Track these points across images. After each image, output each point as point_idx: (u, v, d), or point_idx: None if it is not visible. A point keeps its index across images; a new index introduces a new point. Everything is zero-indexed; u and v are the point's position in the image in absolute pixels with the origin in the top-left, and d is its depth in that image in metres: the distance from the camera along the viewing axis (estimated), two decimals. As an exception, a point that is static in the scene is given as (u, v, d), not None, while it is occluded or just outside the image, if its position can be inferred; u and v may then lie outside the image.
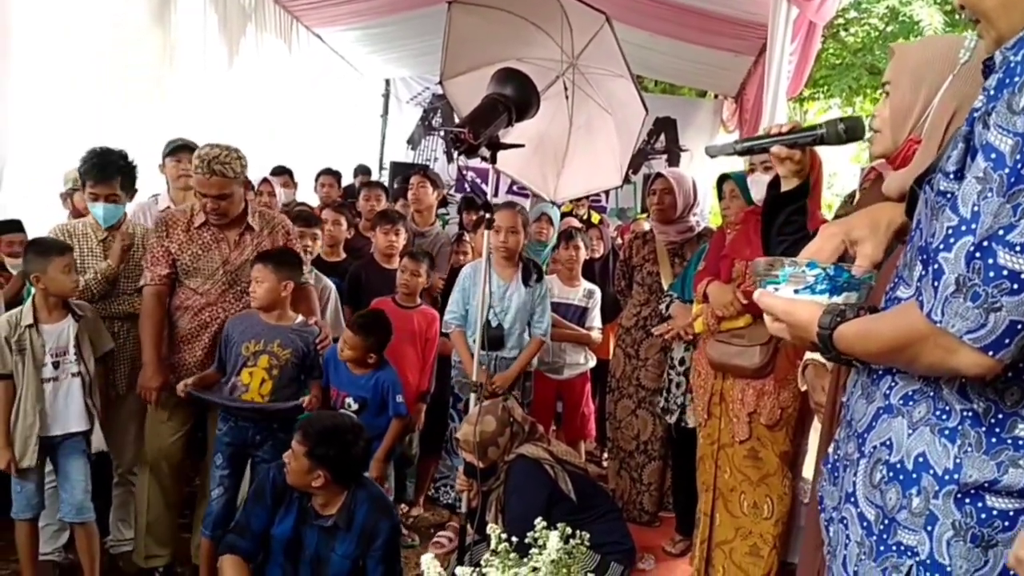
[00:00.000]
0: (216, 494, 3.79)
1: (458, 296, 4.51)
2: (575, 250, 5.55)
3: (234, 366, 3.80)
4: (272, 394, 3.80)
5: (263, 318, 3.87)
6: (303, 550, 3.20)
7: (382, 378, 4.14)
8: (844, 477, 1.62)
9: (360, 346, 4.08)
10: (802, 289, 1.57)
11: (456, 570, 2.33)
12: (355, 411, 4.07)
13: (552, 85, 4.22)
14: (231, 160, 3.68)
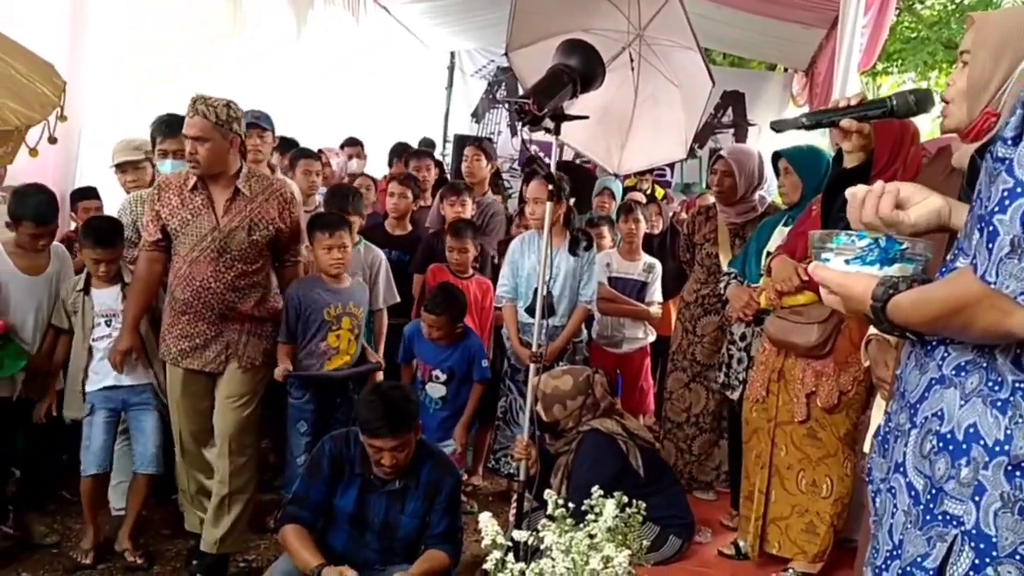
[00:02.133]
0: (301, 460, 3.98)
1: (507, 270, 4.57)
2: (635, 224, 5.53)
3: (314, 332, 3.99)
4: (357, 350, 4.10)
5: (327, 283, 4.02)
6: (370, 519, 3.26)
7: (467, 346, 4.35)
8: (895, 447, 1.61)
9: (444, 324, 4.27)
10: (853, 259, 1.55)
11: (514, 534, 2.37)
12: (443, 382, 4.21)
13: (618, 56, 4.19)
14: (217, 105, 3.53)
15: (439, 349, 4.33)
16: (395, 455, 3.13)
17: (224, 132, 3.54)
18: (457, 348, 4.31)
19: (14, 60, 2.46)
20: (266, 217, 3.68)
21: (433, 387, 4.36)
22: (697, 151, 10.21)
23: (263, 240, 3.69)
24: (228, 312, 3.68)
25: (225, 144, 3.56)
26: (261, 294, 3.77)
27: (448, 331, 4.30)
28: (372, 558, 3.23)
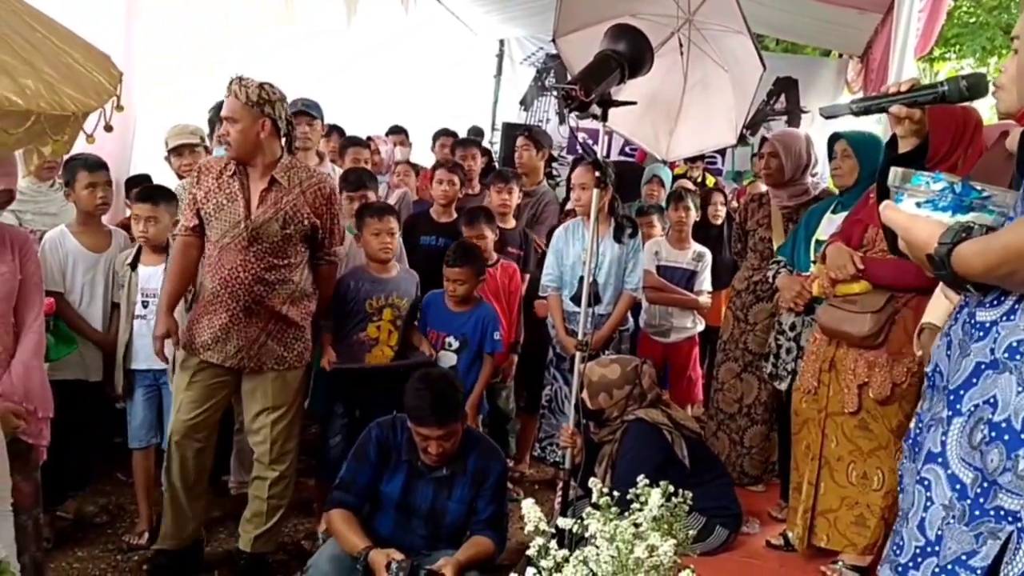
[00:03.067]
0: (334, 442, 4.06)
1: (552, 259, 4.55)
2: (684, 212, 5.48)
3: (356, 322, 4.06)
4: (397, 343, 4.13)
5: (374, 272, 4.06)
6: (417, 505, 3.28)
7: (481, 314, 4.31)
8: (929, 437, 1.54)
9: (468, 275, 4.24)
10: (924, 203, 1.48)
11: (558, 521, 2.36)
12: (455, 350, 4.23)
13: (667, 41, 4.14)
14: (250, 86, 3.44)
15: (452, 315, 4.30)
16: (442, 444, 3.14)
17: (255, 113, 3.44)
18: (471, 315, 4.29)
19: (72, 50, 2.49)
20: (301, 211, 3.56)
21: (445, 355, 4.30)
22: (749, 138, 10.08)
23: (296, 235, 3.57)
24: (254, 306, 3.56)
25: (255, 126, 3.46)
26: (291, 291, 3.62)
27: (471, 285, 4.26)
28: (418, 543, 3.25)
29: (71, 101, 2.29)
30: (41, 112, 2.16)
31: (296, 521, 4.38)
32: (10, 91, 2.08)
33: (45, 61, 2.31)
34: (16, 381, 2.72)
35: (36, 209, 4.03)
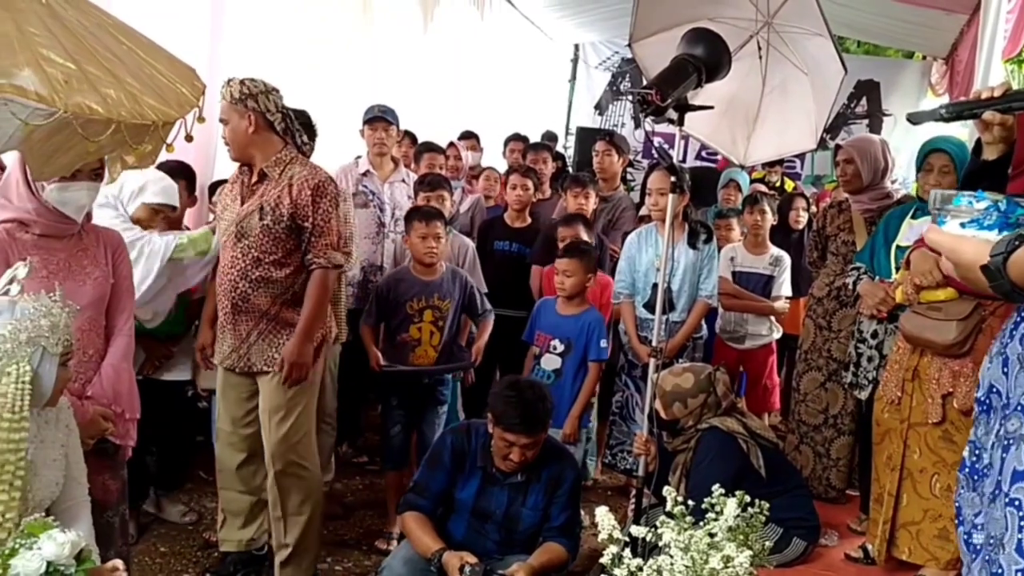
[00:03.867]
0: (395, 431, 4.19)
1: (624, 265, 4.52)
2: (760, 216, 5.40)
3: (399, 323, 4.15)
4: (441, 343, 4.17)
5: (416, 274, 4.13)
6: (491, 511, 3.30)
7: (588, 319, 4.30)
8: (1008, 457, 1.48)
9: (580, 269, 4.26)
10: (968, 223, 1.44)
11: (632, 529, 2.35)
12: (560, 353, 4.24)
13: (745, 45, 4.08)
14: (234, 84, 3.37)
15: (560, 319, 4.32)
16: (524, 452, 3.16)
17: (240, 110, 3.36)
18: (579, 320, 4.30)
19: (156, 62, 2.56)
20: (281, 203, 3.38)
21: (549, 358, 4.33)
22: (829, 142, 9.89)
23: (277, 227, 3.38)
24: (241, 303, 3.45)
25: (243, 122, 3.36)
26: (280, 291, 3.45)
27: (582, 280, 4.28)
28: (491, 548, 3.26)
29: (152, 111, 2.35)
30: (122, 120, 2.22)
31: (370, 521, 4.44)
32: (92, 100, 2.15)
33: (128, 72, 2.38)
34: (106, 384, 2.80)
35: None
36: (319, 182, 3.40)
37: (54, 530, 2.11)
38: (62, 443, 2.34)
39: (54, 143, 2.16)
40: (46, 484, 2.27)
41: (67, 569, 2.07)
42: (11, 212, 2.69)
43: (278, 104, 3.42)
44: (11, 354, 2.13)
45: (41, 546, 2.06)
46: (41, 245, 2.66)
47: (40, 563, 2.05)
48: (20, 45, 2.07)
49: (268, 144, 3.42)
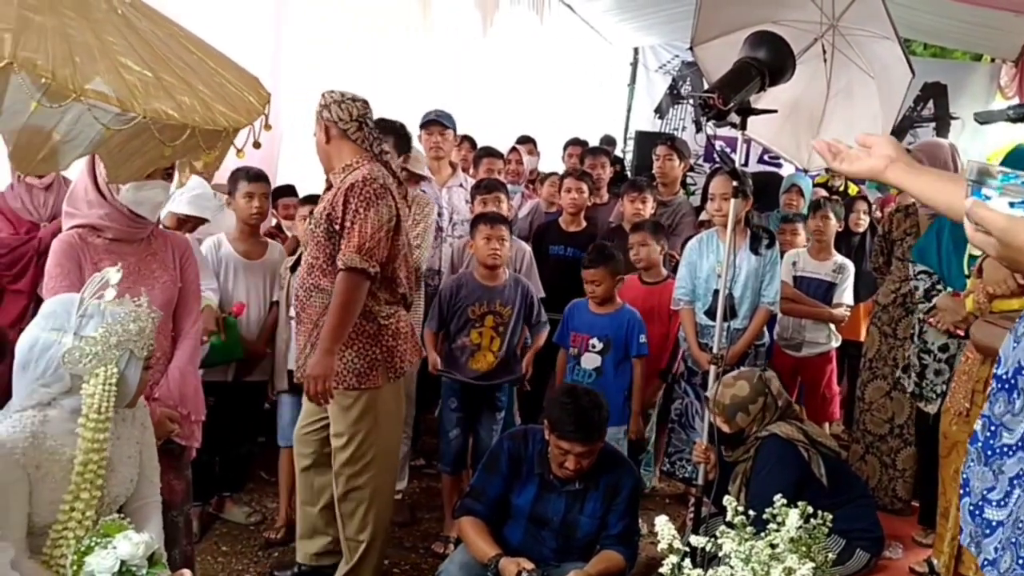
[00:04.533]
0: (453, 435, 4.21)
1: (685, 271, 4.46)
2: (823, 221, 5.31)
3: (460, 327, 4.17)
4: (501, 349, 4.18)
5: (479, 278, 4.17)
6: (549, 518, 3.28)
7: (624, 316, 4.29)
8: None
9: (603, 276, 4.25)
10: (1019, 203, 1.38)
11: (691, 539, 2.32)
12: (599, 351, 4.23)
13: (809, 48, 4.03)
14: (318, 97, 3.40)
15: (595, 318, 4.31)
16: (580, 461, 3.15)
17: (319, 121, 3.38)
18: (614, 317, 4.29)
19: (225, 71, 2.62)
20: (322, 206, 3.34)
21: (588, 357, 4.30)
22: (894, 146, 9.69)
23: (318, 230, 3.31)
24: (300, 312, 3.42)
25: (320, 133, 3.38)
26: (326, 302, 3.29)
27: (608, 286, 4.27)
28: (548, 555, 3.25)
29: (223, 117, 2.41)
30: (195, 126, 2.27)
31: (427, 524, 4.46)
32: (168, 106, 2.21)
33: (200, 80, 2.44)
34: (173, 386, 2.85)
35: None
36: (354, 182, 3.24)
37: (129, 530, 2.16)
38: (137, 440, 2.38)
39: (132, 147, 2.21)
40: (121, 481, 2.31)
41: (139, 570, 2.11)
42: (81, 219, 2.75)
43: (353, 113, 3.36)
44: (100, 357, 2.17)
45: (116, 545, 2.11)
46: (112, 249, 2.71)
47: (114, 562, 2.09)
48: (100, 53, 2.13)
49: (340, 153, 3.37)
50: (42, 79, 1.94)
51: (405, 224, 3.44)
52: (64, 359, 2.17)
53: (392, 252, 3.33)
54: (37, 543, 2.15)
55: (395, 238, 3.33)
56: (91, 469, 2.15)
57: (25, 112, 1.98)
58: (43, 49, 1.99)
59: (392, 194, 3.30)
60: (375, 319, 3.33)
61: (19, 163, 2.19)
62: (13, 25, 1.97)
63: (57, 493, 2.14)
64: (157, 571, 2.15)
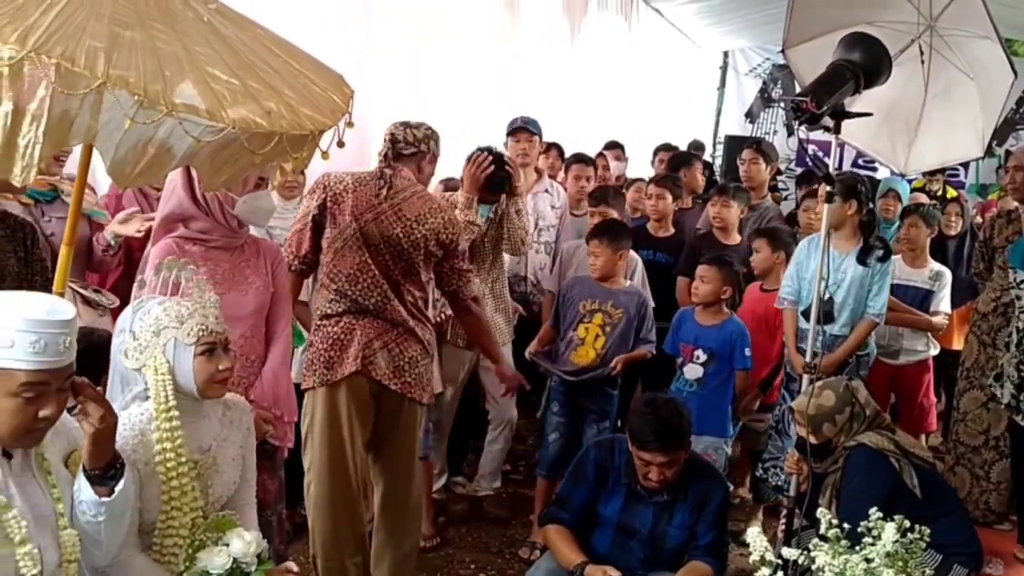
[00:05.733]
0: (552, 438, 4.24)
1: (793, 270, 4.36)
2: (912, 228, 5.16)
3: (570, 322, 4.21)
4: (604, 349, 4.16)
5: (597, 281, 4.24)
6: (636, 528, 3.25)
7: (730, 328, 4.24)
8: None
9: (714, 277, 4.22)
10: None
11: (783, 551, 2.28)
12: (702, 363, 4.19)
13: (906, 49, 3.92)
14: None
15: (701, 329, 4.27)
16: (663, 471, 3.11)
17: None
18: (720, 329, 4.24)
19: (309, 71, 2.65)
20: None
21: (691, 368, 4.26)
22: (996, 149, 9.36)
23: None
24: None
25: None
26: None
27: (715, 288, 4.22)
28: (635, 565, 3.22)
29: (309, 120, 2.44)
30: (283, 132, 2.29)
31: (513, 530, 4.47)
32: (256, 114, 2.24)
33: (285, 84, 2.47)
34: (267, 388, 2.92)
35: (284, 225, 4.32)
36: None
37: (240, 528, 2.23)
38: (240, 444, 2.44)
39: (223, 156, 2.26)
40: (224, 482, 2.37)
41: (248, 568, 2.17)
42: (180, 230, 2.85)
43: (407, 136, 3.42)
44: (143, 347, 2.23)
45: (229, 542, 2.18)
46: (208, 256, 2.79)
47: (227, 559, 2.16)
48: (188, 65, 2.17)
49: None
50: (135, 96, 1.97)
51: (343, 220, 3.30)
52: (122, 356, 2.26)
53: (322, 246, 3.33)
54: (149, 540, 2.23)
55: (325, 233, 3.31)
56: (170, 458, 2.20)
57: (120, 129, 2.03)
58: (134, 66, 2.02)
59: (330, 192, 3.28)
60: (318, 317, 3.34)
61: (117, 178, 2.25)
62: (105, 43, 2.01)
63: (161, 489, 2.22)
64: (266, 567, 2.21)
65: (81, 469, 1.96)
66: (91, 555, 2.02)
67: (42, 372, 1.80)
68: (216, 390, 2.30)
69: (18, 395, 1.78)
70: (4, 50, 1.88)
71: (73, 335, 1.88)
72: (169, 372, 2.22)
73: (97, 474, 1.96)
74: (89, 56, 1.95)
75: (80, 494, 1.96)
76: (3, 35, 1.89)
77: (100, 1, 2.10)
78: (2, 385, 1.78)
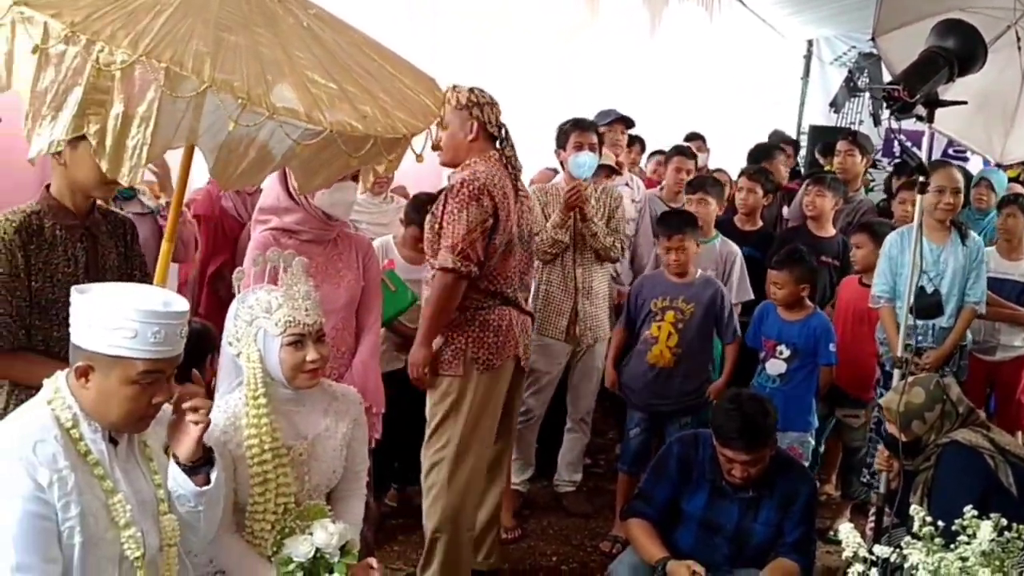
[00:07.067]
0: (634, 433, 4.22)
1: (885, 266, 4.25)
2: (1011, 219, 4.99)
3: (643, 320, 4.18)
4: (679, 346, 4.11)
5: (667, 277, 4.17)
6: (721, 525, 3.23)
7: (814, 323, 4.18)
8: None
9: (787, 280, 4.15)
10: None
11: (875, 549, 2.24)
12: (785, 358, 4.14)
13: (1002, 36, 3.82)
14: (461, 91, 3.38)
15: (784, 324, 4.20)
16: (747, 468, 3.07)
17: (463, 116, 3.36)
18: (804, 324, 4.18)
19: (403, 75, 2.72)
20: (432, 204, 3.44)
21: (774, 363, 4.20)
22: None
23: (430, 231, 3.38)
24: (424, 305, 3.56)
25: (463, 129, 3.36)
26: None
27: (792, 291, 4.15)
28: (719, 560, 3.19)
29: (402, 124, 2.49)
30: (377, 136, 2.36)
31: (595, 524, 4.47)
32: (352, 118, 2.30)
33: (381, 87, 2.54)
34: (356, 379, 2.99)
35: (371, 220, 4.42)
36: (454, 183, 3.31)
37: (326, 519, 2.29)
38: (344, 434, 2.49)
39: (320, 159, 2.33)
40: (323, 471, 2.43)
41: (331, 558, 2.23)
42: (275, 224, 2.93)
43: (498, 116, 3.44)
44: (239, 335, 2.31)
45: (313, 532, 2.24)
46: (303, 250, 2.83)
47: (309, 548, 2.22)
48: (289, 69, 2.24)
49: (471, 152, 3.40)
50: (238, 99, 2.05)
51: (510, 223, 3.40)
52: (226, 344, 2.35)
53: (490, 251, 3.34)
54: (241, 518, 2.31)
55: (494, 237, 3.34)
56: (254, 444, 2.26)
57: (224, 131, 2.12)
58: (238, 69, 2.10)
59: (492, 195, 3.30)
60: (466, 310, 3.38)
61: (219, 179, 2.34)
62: (211, 47, 2.09)
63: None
64: (348, 560, 2.27)
65: (175, 463, 2.04)
66: (187, 540, 2.10)
67: (159, 361, 1.89)
68: (304, 380, 2.34)
69: (136, 382, 1.87)
70: (117, 54, 1.96)
71: (185, 326, 1.97)
72: (260, 361, 2.29)
73: (191, 465, 2.03)
74: (196, 60, 2.03)
75: (178, 488, 2.03)
76: (116, 39, 1.97)
77: (206, 7, 2.18)
78: (122, 373, 1.87)
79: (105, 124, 2.03)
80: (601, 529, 4.40)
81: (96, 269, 2.55)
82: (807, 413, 4.21)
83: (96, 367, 1.87)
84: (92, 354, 1.87)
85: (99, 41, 1.95)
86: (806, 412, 4.20)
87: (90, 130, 2.04)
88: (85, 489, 1.86)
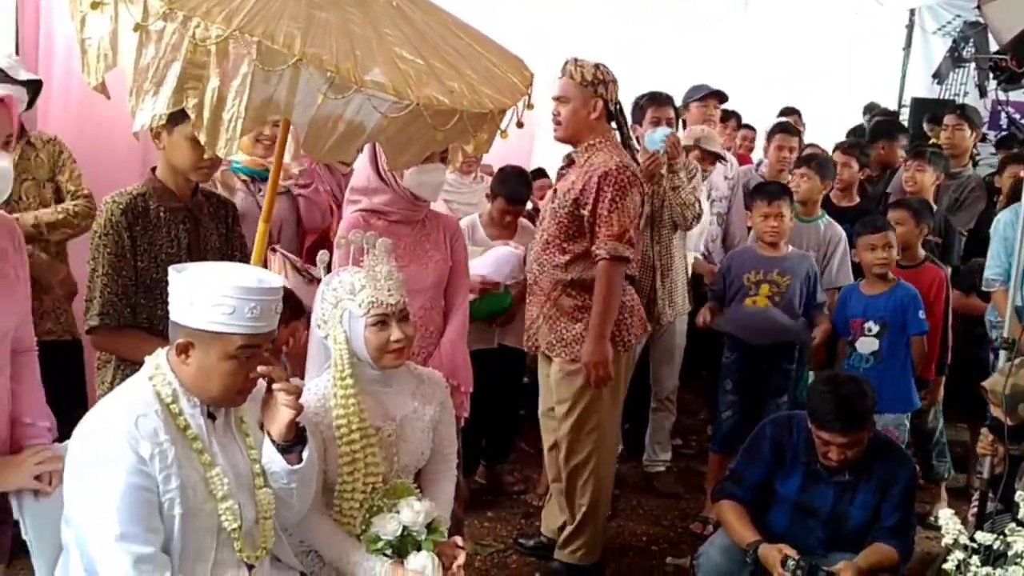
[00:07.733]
0: (726, 415, 4.16)
1: (998, 247, 4.06)
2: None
3: (735, 295, 4.11)
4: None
5: (759, 251, 4.11)
6: (816, 508, 3.16)
7: (899, 294, 4.04)
8: None
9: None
10: None
11: (977, 535, 2.17)
12: (875, 334, 4.03)
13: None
14: (585, 66, 3.34)
15: (868, 299, 4.07)
16: (843, 451, 3.00)
17: (587, 93, 3.31)
18: (889, 297, 4.03)
19: (490, 54, 2.75)
20: (573, 187, 3.33)
21: (864, 341, 4.06)
22: None
23: (561, 211, 3.36)
24: (533, 284, 3.54)
25: (586, 107, 3.32)
26: (559, 277, 3.40)
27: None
28: (814, 544, 3.13)
29: (489, 100, 2.51)
30: (463, 110, 2.39)
31: (686, 504, 4.45)
32: (439, 92, 2.34)
33: (467, 65, 2.57)
34: (444, 358, 3.02)
35: (461, 199, 4.48)
36: (608, 170, 3.26)
37: (412, 497, 2.32)
38: (431, 416, 2.52)
39: (408, 133, 2.36)
40: (411, 452, 2.47)
41: (418, 536, 2.27)
42: (364, 205, 2.98)
43: (617, 97, 3.42)
44: (327, 317, 2.34)
45: (400, 510, 2.28)
46: (392, 231, 2.87)
47: (397, 526, 2.26)
48: (377, 45, 2.30)
49: (593, 130, 3.37)
50: (328, 72, 2.11)
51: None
52: (315, 326, 2.38)
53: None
54: (330, 498, 2.36)
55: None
56: (342, 424, 2.29)
57: (314, 104, 2.17)
58: (327, 45, 2.16)
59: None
60: None
61: (312, 151, 2.39)
62: (301, 23, 2.16)
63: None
64: (435, 538, 2.30)
65: (270, 441, 2.09)
66: (281, 516, 2.16)
67: (256, 336, 1.97)
68: (390, 360, 2.37)
69: (235, 357, 1.95)
70: (212, 29, 2.04)
71: (279, 302, 2.03)
72: (346, 342, 2.33)
73: (284, 444, 2.09)
74: (287, 35, 2.09)
75: (272, 465, 2.09)
76: (211, 16, 2.05)
77: (298, -16, 2.22)
78: (221, 348, 1.94)
79: (203, 98, 2.11)
80: (691, 510, 4.38)
81: (198, 250, 2.65)
82: (907, 392, 4.07)
83: (196, 343, 1.94)
84: (192, 331, 1.93)
85: (195, 17, 2.03)
86: (906, 391, 4.06)
87: (188, 104, 2.12)
88: (184, 462, 1.93)
